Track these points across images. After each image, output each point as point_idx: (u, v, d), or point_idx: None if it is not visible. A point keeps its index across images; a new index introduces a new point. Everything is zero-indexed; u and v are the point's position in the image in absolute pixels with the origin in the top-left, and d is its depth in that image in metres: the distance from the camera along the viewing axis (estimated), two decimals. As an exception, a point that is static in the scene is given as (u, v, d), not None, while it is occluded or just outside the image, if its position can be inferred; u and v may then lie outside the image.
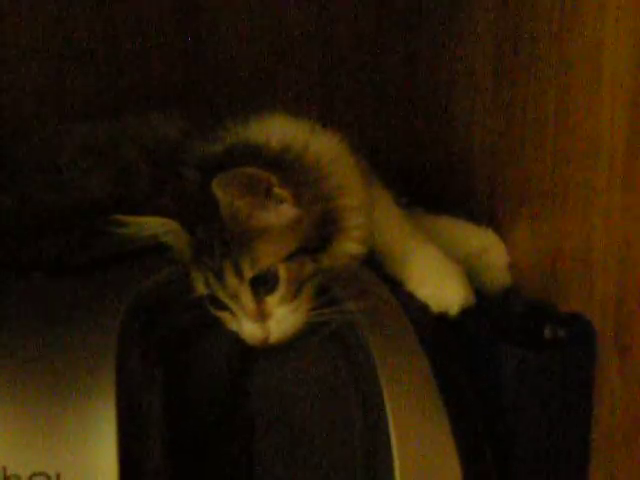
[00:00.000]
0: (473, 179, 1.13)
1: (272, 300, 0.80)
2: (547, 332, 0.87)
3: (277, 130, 0.87)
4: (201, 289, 0.82)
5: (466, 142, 1.15)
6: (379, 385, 0.76)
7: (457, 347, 0.88)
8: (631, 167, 0.79)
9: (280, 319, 0.80)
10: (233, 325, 0.81)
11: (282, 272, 0.80)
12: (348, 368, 0.79)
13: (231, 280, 0.80)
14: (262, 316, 0.80)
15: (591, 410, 0.85)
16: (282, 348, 0.81)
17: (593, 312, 0.85)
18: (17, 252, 0.86)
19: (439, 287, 0.90)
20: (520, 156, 1.00)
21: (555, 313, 0.88)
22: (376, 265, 0.90)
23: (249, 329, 0.80)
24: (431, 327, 0.86)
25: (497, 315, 0.89)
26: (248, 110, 0.91)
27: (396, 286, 0.89)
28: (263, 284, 0.80)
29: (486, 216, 1.08)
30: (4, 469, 0.70)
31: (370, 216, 0.88)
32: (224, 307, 0.81)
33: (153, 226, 0.81)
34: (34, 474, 0.70)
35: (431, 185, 1.25)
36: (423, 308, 0.88)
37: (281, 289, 0.80)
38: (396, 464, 0.74)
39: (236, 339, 0.81)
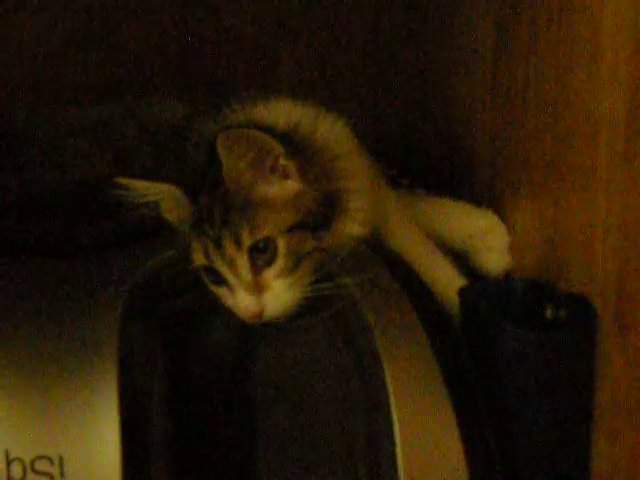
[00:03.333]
0: (474, 160, 1.13)
1: (269, 273, 0.80)
2: (548, 312, 0.87)
3: (284, 112, 0.87)
4: (200, 259, 0.81)
5: (466, 123, 1.15)
6: (380, 364, 0.76)
7: (458, 327, 0.89)
8: (631, 146, 0.79)
9: (276, 293, 0.80)
10: (229, 300, 0.81)
11: (281, 243, 0.80)
12: (349, 348, 0.79)
13: (229, 248, 0.79)
14: (258, 288, 0.79)
15: (592, 390, 0.85)
16: (283, 328, 0.81)
17: (594, 292, 0.85)
18: (18, 234, 0.86)
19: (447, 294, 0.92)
20: (520, 136, 1.00)
21: (556, 293, 0.88)
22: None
23: (244, 301, 0.79)
24: (432, 306, 0.86)
25: (498, 295, 0.89)
26: (253, 93, 0.91)
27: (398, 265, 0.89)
28: (261, 255, 0.80)
29: (487, 197, 1.08)
30: (7, 453, 0.70)
31: (372, 199, 0.89)
32: (221, 281, 0.81)
33: (156, 191, 0.81)
34: (37, 457, 0.70)
35: (432, 166, 1.25)
36: (424, 288, 0.88)
37: (279, 261, 0.80)
38: (398, 443, 0.74)
39: (236, 319, 0.81)
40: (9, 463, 0.70)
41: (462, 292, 0.90)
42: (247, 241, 0.79)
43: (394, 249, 0.94)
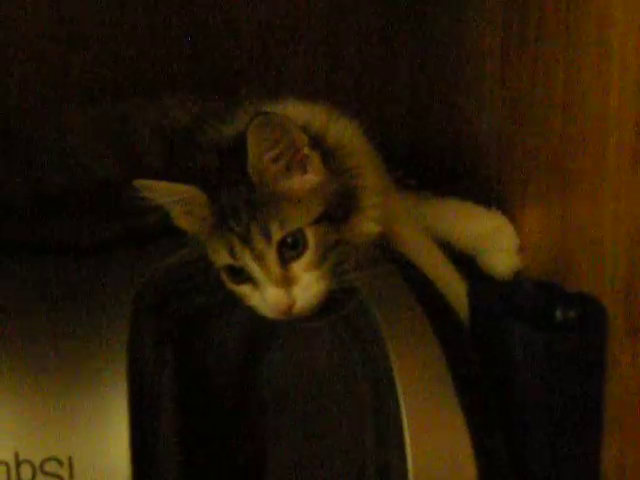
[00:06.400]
0: (481, 161, 1.13)
1: (298, 266, 0.79)
2: (558, 314, 0.87)
3: (295, 112, 0.87)
4: (223, 259, 0.81)
5: (474, 124, 1.15)
6: (389, 367, 0.76)
7: (468, 329, 0.89)
8: (640, 147, 0.79)
9: (306, 286, 0.79)
10: (254, 298, 0.80)
11: (310, 236, 0.79)
12: (359, 350, 0.79)
13: (258, 243, 0.78)
14: (287, 282, 0.79)
15: (602, 390, 0.84)
16: (293, 329, 0.80)
17: (603, 293, 0.85)
18: (29, 235, 0.86)
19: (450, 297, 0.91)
20: (528, 137, 1.00)
21: (566, 294, 0.88)
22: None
23: (273, 296, 0.78)
24: (441, 309, 0.86)
25: (507, 297, 0.89)
26: (263, 92, 0.91)
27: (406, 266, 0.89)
28: (290, 249, 0.79)
29: (495, 198, 1.07)
30: (16, 455, 0.70)
31: (385, 196, 0.89)
32: (244, 280, 0.81)
33: (175, 192, 0.80)
34: (46, 459, 0.70)
35: (439, 168, 1.25)
36: (434, 290, 0.88)
37: (309, 254, 0.79)
38: (407, 444, 0.74)
39: (251, 319, 0.80)
40: (18, 465, 0.69)
41: (471, 293, 0.90)
42: (277, 235, 0.78)
43: (399, 250, 0.94)
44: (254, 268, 0.79)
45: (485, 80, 1.10)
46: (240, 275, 0.81)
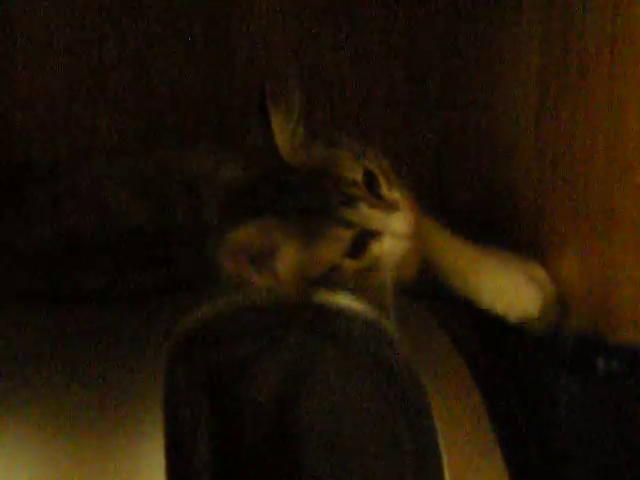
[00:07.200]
0: (518, 209, 1.12)
1: (386, 190, 0.86)
2: (600, 364, 0.85)
3: None
4: (338, 247, 0.83)
5: (510, 171, 1.14)
6: (429, 414, 0.75)
7: (509, 378, 0.87)
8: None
9: (404, 202, 0.86)
10: (384, 246, 0.84)
11: (371, 164, 0.86)
12: (396, 396, 0.78)
13: (356, 191, 0.83)
14: (394, 207, 0.85)
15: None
16: (331, 376, 0.80)
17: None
18: (62, 283, 0.86)
19: (515, 296, 0.93)
20: (568, 185, 0.98)
21: (608, 345, 0.87)
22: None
23: (400, 218, 0.84)
24: (482, 357, 0.85)
25: (549, 346, 0.88)
26: None
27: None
28: (371, 185, 0.85)
29: (532, 248, 1.06)
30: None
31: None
32: (365, 245, 0.84)
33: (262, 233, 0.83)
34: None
35: (474, 216, 1.24)
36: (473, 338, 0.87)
37: (382, 177, 0.86)
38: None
39: (287, 367, 0.80)
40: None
41: (514, 344, 0.89)
42: (358, 177, 0.84)
43: (445, 265, 0.96)
44: (370, 214, 0.84)
45: (523, 125, 1.09)
46: (359, 248, 0.84)
